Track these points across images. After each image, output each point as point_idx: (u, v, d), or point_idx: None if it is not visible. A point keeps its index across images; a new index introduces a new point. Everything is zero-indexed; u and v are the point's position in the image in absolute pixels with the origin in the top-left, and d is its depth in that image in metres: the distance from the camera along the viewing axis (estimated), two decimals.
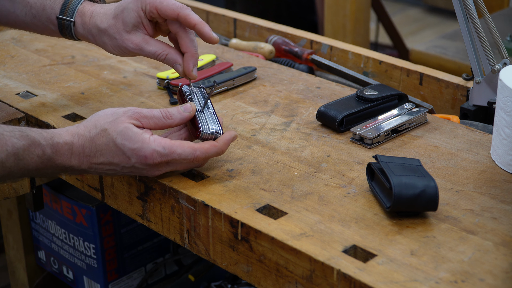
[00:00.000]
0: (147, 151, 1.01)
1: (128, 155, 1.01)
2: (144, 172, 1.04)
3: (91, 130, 1.02)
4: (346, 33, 2.50)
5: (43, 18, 1.18)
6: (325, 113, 1.20)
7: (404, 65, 1.41)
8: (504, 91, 1.07)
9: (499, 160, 1.09)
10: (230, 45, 1.59)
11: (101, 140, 1.01)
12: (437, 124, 1.22)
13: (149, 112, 1.04)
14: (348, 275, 0.87)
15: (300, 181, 1.06)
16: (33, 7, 1.18)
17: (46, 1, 1.18)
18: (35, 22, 1.19)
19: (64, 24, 1.17)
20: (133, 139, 1.01)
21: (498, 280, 0.86)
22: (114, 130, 1.01)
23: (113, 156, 1.02)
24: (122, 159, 1.02)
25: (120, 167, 1.03)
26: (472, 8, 1.24)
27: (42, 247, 1.69)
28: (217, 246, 1.02)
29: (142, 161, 1.01)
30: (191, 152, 1.02)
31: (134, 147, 1.01)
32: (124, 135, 1.01)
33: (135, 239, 1.59)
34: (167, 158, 1.02)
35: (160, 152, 1.01)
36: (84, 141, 1.02)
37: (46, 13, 1.18)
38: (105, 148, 1.01)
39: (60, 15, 1.17)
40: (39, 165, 1.00)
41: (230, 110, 1.27)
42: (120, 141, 1.01)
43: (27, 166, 0.99)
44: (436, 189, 0.96)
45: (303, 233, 0.94)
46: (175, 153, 1.02)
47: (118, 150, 1.01)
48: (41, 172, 1.02)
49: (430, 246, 0.92)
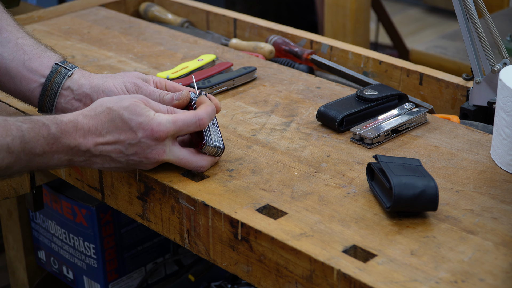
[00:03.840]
0: (153, 124, 1.02)
1: (134, 129, 1.02)
2: (149, 152, 1.03)
3: (97, 109, 1.03)
4: (346, 33, 2.50)
5: (34, 64, 1.14)
6: (325, 113, 1.20)
7: (404, 65, 1.41)
8: (504, 91, 1.07)
9: (499, 160, 1.09)
10: (230, 45, 1.59)
11: (107, 117, 1.02)
12: (437, 124, 1.22)
13: (155, 103, 1.06)
14: (348, 275, 0.87)
15: (300, 181, 1.06)
16: (27, 53, 1.15)
17: (44, 52, 1.16)
18: (18, 68, 1.14)
19: (59, 70, 1.13)
20: (139, 113, 1.02)
21: (498, 280, 0.86)
22: (120, 107, 1.02)
23: (119, 132, 1.02)
24: (128, 134, 1.02)
25: (125, 145, 1.02)
26: (472, 8, 1.24)
27: (42, 247, 1.69)
28: (217, 246, 1.02)
29: (149, 134, 1.02)
30: (194, 115, 1.05)
31: (140, 121, 1.02)
32: (130, 110, 1.02)
33: (135, 239, 1.59)
34: (173, 127, 1.03)
35: (166, 124, 1.02)
36: (89, 119, 1.02)
37: (40, 60, 1.15)
38: (112, 125, 1.02)
39: (60, 63, 1.14)
40: (45, 148, 0.99)
41: (230, 110, 1.27)
42: (127, 116, 1.02)
43: (34, 150, 0.98)
44: (436, 189, 0.96)
45: (303, 233, 0.94)
46: (179, 121, 1.03)
47: (125, 124, 1.02)
48: (47, 159, 1.00)
49: (430, 246, 0.92)
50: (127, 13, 1.80)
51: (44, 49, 1.17)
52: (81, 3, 1.78)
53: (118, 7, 1.79)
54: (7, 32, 1.16)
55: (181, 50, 1.51)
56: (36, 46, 1.16)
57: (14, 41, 1.15)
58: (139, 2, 1.83)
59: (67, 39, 1.57)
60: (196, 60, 1.42)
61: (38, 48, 1.16)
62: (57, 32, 1.61)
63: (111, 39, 1.57)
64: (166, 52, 1.51)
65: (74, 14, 1.71)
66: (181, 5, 1.77)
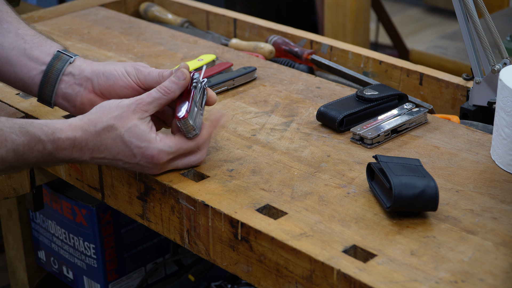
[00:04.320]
0: (154, 151, 1.03)
1: (134, 153, 1.03)
2: (146, 170, 1.06)
3: (97, 124, 1.02)
4: (346, 33, 2.50)
5: (35, 52, 1.14)
6: (325, 113, 1.20)
7: (404, 65, 1.41)
8: (504, 91, 1.07)
9: (499, 160, 1.09)
10: (230, 45, 1.59)
11: (107, 135, 1.02)
12: (437, 124, 1.22)
13: (149, 96, 1.05)
14: (348, 275, 0.87)
15: (300, 181, 1.06)
16: (28, 42, 1.15)
17: (45, 41, 1.16)
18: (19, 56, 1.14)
19: (61, 57, 1.13)
20: (140, 137, 1.02)
21: (498, 280, 0.86)
22: (122, 127, 1.02)
23: (118, 151, 1.03)
24: (127, 155, 1.03)
25: (123, 162, 1.04)
26: (472, 8, 1.24)
27: (42, 247, 1.69)
28: (217, 246, 1.02)
29: (148, 160, 1.03)
30: (195, 144, 1.06)
31: (141, 146, 1.02)
32: (132, 132, 1.02)
33: (135, 239, 1.59)
34: (173, 155, 1.05)
35: (167, 151, 1.04)
36: (88, 135, 1.02)
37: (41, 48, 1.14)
38: (111, 144, 1.02)
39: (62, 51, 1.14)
40: (40, 159, 1.00)
41: (230, 110, 1.27)
42: (127, 138, 1.02)
43: (27, 161, 0.99)
44: (436, 189, 0.96)
45: (303, 233, 0.94)
46: (181, 149, 1.05)
47: (125, 146, 1.02)
48: (41, 165, 1.04)
49: (430, 246, 0.92)
50: (127, 13, 1.80)
51: (45, 38, 1.17)
52: (81, 3, 1.78)
53: (118, 7, 1.79)
54: (7, 23, 1.16)
55: (181, 50, 1.52)
56: (37, 36, 1.16)
57: (14, 31, 1.15)
58: (139, 2, 1.83)
59: (67, 39, 1.57)
60: (196, 60, 1.42)
61: (39, 37, 1.16)
62: (57, 32, 1.61)
63: (111, 39, 1.57)
64: (166, 52, 1.51)
65: (74, 14, 1.71)
66: (181, 5, 1.77)
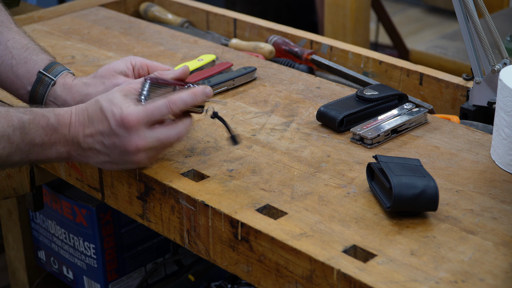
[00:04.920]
0: (124, 113, 1.02)
1: (108, 119, 1.03)
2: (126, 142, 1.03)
3: (88, 102, 1.06)
4: (346, 33, 2.50)
5: (20, 70, 1.18)
6: (325, 113, 1.20)
7: (404, 65, 1.41)
8: (504, 91, 1.07)
9: (499, 160, 1.09)
10: (230, 45, 1.59)
11: (92, 109, 1.05)
12: (437, 124, 1.22)
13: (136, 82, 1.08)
14: (348, 275, 0.87)
15: (300, 181, 1.06)
16: (15, 57, 1.19)
17: (31, 56, 1.19)
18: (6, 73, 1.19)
19: (43, 81, 1.17)
20: (116, 104, 1.03)
21: (498, 280, 0.86)
22: (103, 99, 1.05)
23: (98, 122, 1.04)
24: (104, 124, 1.03)
25: (104, 137, 1.03)
26: (472, 8, 1.24)
27: (42, 247, 1.69)
28: (217, 246, 1.02)
29: (120, 123, 1.02)
30: (165, 99, 1.05)
31: (113, 109, 1.03)
32: (110, 100, 1.04)
33: (135, 239, 1.59)
34: (144, 113, 1.03)
35: (136, 113, 1.02)
36: (80, 109, 1.06)
37: (26, 67, 1.19)
38: (94, 116, 1.04)
39: (44, 71, 1.18)
40: (44, 139, 1.03)
41: (230, 110, 1.27)
42: (105, 106, 1.04)
43: (33, 140, 1.02)
44: (436, 189, 0.96)
45: (303, 233, 0.94)
46: (150, 106, 1.04)
47: (102, 114, 1.04)
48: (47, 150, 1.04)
49: (430, 246, 0.92)
50: (127, 13, 1.80)
51: (31, 52, 1.20)
52: (81, 3, 1.78)
53: (118, 7, 1.79)
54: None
55: (181, 50, 1.52)
56: (24, 49, 1.20)
57: (4, 43, 1.19)
58: (139, 2, 1.83)
59: (67, 39, 1.57)
60: (196, 60, 1.42)
61: (26, 51, 1.19)
62: (57, 32, 1.61)
63: (111, 39, 1.57)
64: (166, 52, 1.51)
65: (74, 14, 1.71)
66: (181, 5, 1.77)
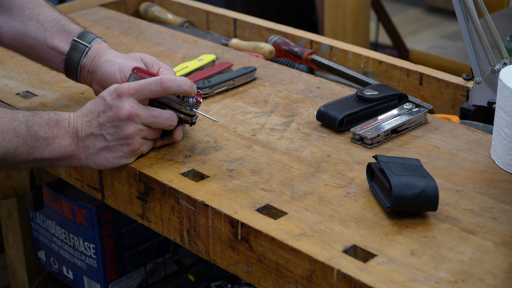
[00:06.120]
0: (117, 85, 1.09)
1: (105, 97, 1.08)
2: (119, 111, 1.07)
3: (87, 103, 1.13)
4: (346, 33, 2.50)
5: (55, 41, 1.24)
6: (325, 113, 1.20)
7: (404, 65, 1.41)
8: (504, 91, 1.07)
9: (499, 160, 1.09)
10: (230, 45, 1.59)
11: (91, 102, 1.11)
12: (437, 124, 1.22)
13: None
14: (348, 275, 0.87)
15: (300, 181, 1.06)
16: (48, 30, 1.24)
17: (64, 27, 1.25)
18: (41, 45, 1.25)
19: (77, 48, 1.23)
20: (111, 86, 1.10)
21: (498, 280, 0.86)
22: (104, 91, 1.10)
23: (95, 106, 1.10)
24: (101, 104, 1.08)
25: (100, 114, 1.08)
26: (472, 8, 1.24)
27: (42, 247, 1.69)
28: (217, 246, 1.02)
29: (113, 94, 1.08)
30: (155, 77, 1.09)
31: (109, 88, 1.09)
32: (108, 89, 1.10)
33: (135, 239, 1.59)
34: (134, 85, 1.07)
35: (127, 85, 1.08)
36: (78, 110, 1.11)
37: (60, 37, 1.24)
38: (93, 104, 1.11)
39: (78, 39, 1.23)
40: (48, 132, 1.07)
41: (230, 110, 1.27)
42: (102, 92, 1.10)
43: (38, 133, 1.06)
44: (436, 189, 0.96)
45: (303, 233, 0.94)
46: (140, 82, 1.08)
47: (99, 98, 1.10)
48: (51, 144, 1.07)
49: (430, 246, 0.92)
50: (127, 13, 1.80)
51: (63, 24, 1.25)
52: (81, 3, 1.78)
53: (118, 7, 1.79)
54: (29, 10, 1.25)
55: (181, 50, 1.52)
56: (56, 22, 1.25)
57: (35, 18, 1.24)
58: (139, 2, 1.83)
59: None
60: (196, 60, 1.42)
61: (57, 23, 1.25)
62: None
63: (111, 39, 1.57)
64: (166, 52, 1.51)
65: (74, 14, 1.71)
66: (181, 5, 1.77)
